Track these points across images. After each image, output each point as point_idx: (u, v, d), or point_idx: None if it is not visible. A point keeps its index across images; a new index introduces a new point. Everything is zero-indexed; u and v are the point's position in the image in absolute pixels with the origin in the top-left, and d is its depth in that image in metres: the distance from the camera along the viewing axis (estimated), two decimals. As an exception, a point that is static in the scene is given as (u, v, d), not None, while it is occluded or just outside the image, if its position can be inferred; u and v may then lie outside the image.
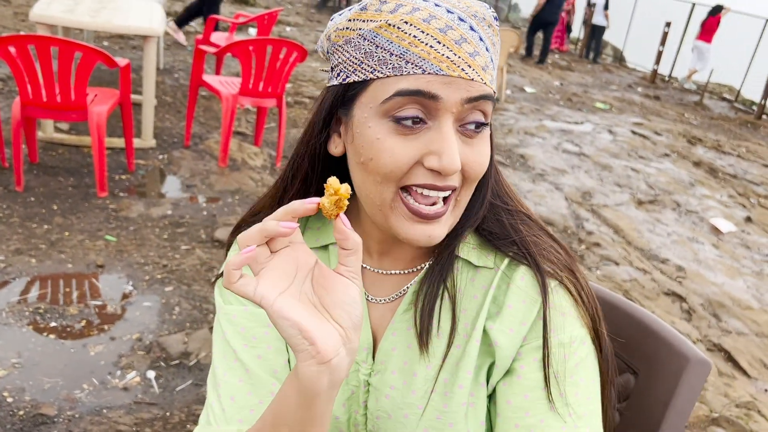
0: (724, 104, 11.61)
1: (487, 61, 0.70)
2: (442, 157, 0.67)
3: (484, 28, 0.71)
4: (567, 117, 7.86)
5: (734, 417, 2.60)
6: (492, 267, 0.79)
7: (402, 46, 0.67)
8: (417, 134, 0.68)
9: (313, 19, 11.66)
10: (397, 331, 0.80)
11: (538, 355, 0.75)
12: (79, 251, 2.98)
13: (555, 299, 0.76)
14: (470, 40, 0.69)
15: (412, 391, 0.78)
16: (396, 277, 0.82)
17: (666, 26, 12.51)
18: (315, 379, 0.59)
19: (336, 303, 0.61)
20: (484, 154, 0.72)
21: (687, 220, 5.04)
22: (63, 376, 2.23)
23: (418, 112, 0.68)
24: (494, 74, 0.73)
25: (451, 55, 0.67)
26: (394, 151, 0.68)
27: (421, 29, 0.67)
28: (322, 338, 0.59)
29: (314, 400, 0.61)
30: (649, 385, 1.05)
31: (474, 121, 0.70)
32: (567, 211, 4.72)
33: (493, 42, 0.72)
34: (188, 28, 8.35)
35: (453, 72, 0.67)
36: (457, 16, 0.69)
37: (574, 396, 0.75)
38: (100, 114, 3.39)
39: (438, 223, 0.72)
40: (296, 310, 0.59)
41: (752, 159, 7.49)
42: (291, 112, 5.76)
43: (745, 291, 4.00)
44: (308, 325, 0.58)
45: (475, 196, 0.78)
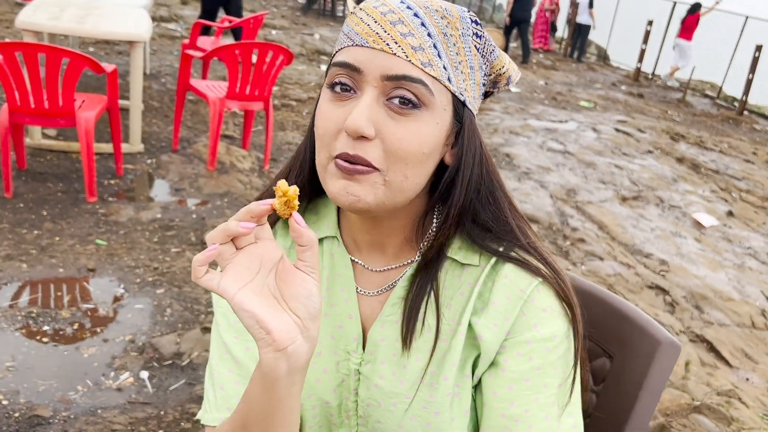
0: (706, 101, 11.76)
1: (423, 44, 0.73)
2: (349, 116, 0.72)
3: (434, 17, 0.74)
4: (552, 116, 7.95)
5: (715, 404, 2.67)
6: (477, 265, 0.82)
7: (350, 26, 0.76)
8: (346, 102, 0.74)
9: (299, 22, 11.70)
10: (386, 323, 0.84)
11: (522, 349, 0.79)
12: (69, 256, 3.01)
13: (538, 296, 0.80)
14: (407, 22, 0.73)
15: (400, 382, 0.82)
16: (384, 272, 0.86)
17: (648, 24, 12.66)
18: (273, 365, 0.65)
19: (293, 295, 0.66)
20: (412, 133, 0.73)
21: (670, 215, 5.13)
22: (57, 378, 2.26)
23: (347, 80, 0.74)
24: (444, 64, 0.74)
25: (380, 31, 0.73)
26: (326, 115, 0.75)
27: (368, 13, 0.75)
28: (277, 327, 0.64)
29: (275, 385, 0.66)
30: (624, 367, 1.10)
31: (397, 95, 0.72)
32: (552, 208, 4.79)
33: (444, 32, 0.74)
34: (174, 33, 8.37)
35: (376, 45, 0.72)
36: (407, 5, 0.75)
37: (556, 387, 0.79)
38: (88, 120, 3.42)
39: (357, 182, 0.73)
40: (254, 302, 0.64)
41: (734, 154, 7.61)
42: (278, 114, 5.79)
43: (726, 283, 4.09)
44: (264, 316, 0.63)
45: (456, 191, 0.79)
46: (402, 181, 0.74)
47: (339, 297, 0.86)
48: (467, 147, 0.78)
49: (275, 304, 0.66)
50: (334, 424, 0.86)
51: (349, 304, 0.86)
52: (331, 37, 10.65)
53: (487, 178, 0.81)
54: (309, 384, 0.85)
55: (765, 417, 2.74)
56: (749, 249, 4.79)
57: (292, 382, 0.67)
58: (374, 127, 0.72)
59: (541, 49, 14.35)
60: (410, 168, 0.74)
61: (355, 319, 0.85)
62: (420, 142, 0.74)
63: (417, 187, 0.77)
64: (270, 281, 0.67)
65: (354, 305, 0.85)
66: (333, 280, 0.87)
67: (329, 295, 0.87)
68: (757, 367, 3.21)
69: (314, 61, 8.55)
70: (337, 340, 0.86)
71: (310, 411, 0.85)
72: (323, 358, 0.85)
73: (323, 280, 0.88)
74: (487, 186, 0.81)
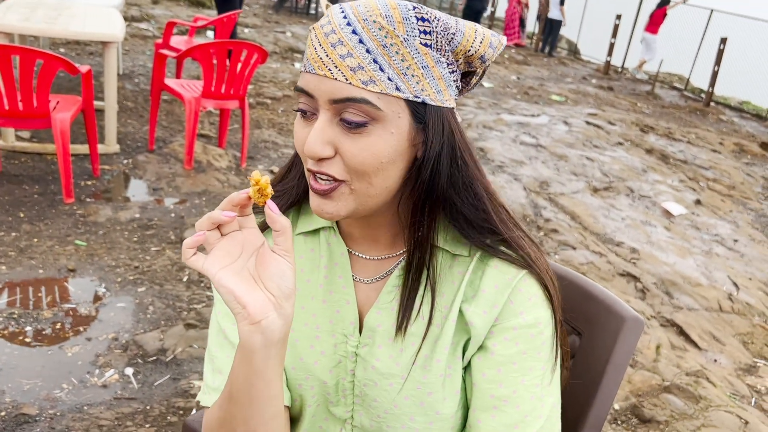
0: (674, 93, 12.00)
1: (362, 62, 0.75)
2: (306, 142, 0.79)
3: (372, 30, 0.76)
4: (524, 110, 8.06)
5: (684, 384, 2.77)
6: (467, 255, 0.88)
7: (306, 47, 0.82)
8: (309, 123, 0.81)
9: (271, 20, 11.68)
10: (382, 310, 0.89)
11: (509, 335, 0.85)
12: (49, 257, 3.02)
13: (524, 286, 0.86)
14: (346, 42, 0.76)
15: (396, 364, 0.87)
16: (378, 261, 0.92)
17: (617, 19, 12.87)
18: (248, 337, 0.72)
19: (269, 276, 0.73)
20: (365, 149, 0.77)
21: (640, 205, 5.26)
22: (42, 377, 2.28)
23: (305, 105, 0.81)
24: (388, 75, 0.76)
25: (323, 56, 0.77)
26: (297, 136, 0.83)
27: (316, 34, 0.79)
28: (252, 303, 0.71)
29: (252, 357, 0.73)
30: (592, 343, 1.17)
31: (346, 120, 0.77)
32: (526, 200, 4.89)
33: (383, 44, 0.76)
34: (146, 33, 8.31)
35: (320, 71, 0.77)
36: (348, 21, 0.77)
37: (540, 370, 0.86)
38: (63, 121, 3.42)
39: (330, 200, 0.81)
40: (232, 280, 0.71)
41: (701, 145, 7.80)
42: (254, 113, 5.81)
43: (695, 269, 4.22)
44: (240, 292, 0.71)
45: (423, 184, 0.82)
46: (368, 188, 0.80)
47: (337, 284, 0.92)
48: (431, 142, 0.80)
49: (252, 283, 0.73)
50: (331, 402, 0.91)
51: (346, 290, 0.91)
52: (304, 34, 10.65)
53: (464, 170, 0.83)
54: (307, 365, 0.90)
55: (732, 396, 2.86)
56: (716, 236, 4.93)
57: (268, 356, 0.74)
58: (332, 145, 0.79)
59: (514, 44, 14.50)
60: (372, 177, 0.80)
61: (352, 305, 0.91)
62: (375, 154, 0.78)
63: (386, 190, 0.82)
64: (250, 265, 0.74)
65: (351, 292, 0.91)
66: (331, 268, 0.93)
67: (328, 283, 0.92)
68: (724, 349, 3.34)
69: (288, 59, 8.56)
70: (335, 324, 0.91)
71: (308, 391, 0.91)
72: (321, 341, 0.91)
73: (321, 268, 0.93)
74: (464, 178, 0.83)
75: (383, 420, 0.89)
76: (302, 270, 0.94)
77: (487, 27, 16.90)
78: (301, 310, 0.93)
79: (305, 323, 0.92)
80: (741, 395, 2.92)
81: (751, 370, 3.20)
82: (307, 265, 0.94)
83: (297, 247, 0.95)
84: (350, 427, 0.92)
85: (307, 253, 0.94)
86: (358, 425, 0.91)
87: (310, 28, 0.83)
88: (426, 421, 0.87)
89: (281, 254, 0.74)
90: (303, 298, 0.93)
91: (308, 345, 0.91)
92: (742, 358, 3.29)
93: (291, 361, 0.91)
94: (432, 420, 0.87)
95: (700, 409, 2.65)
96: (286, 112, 6.11)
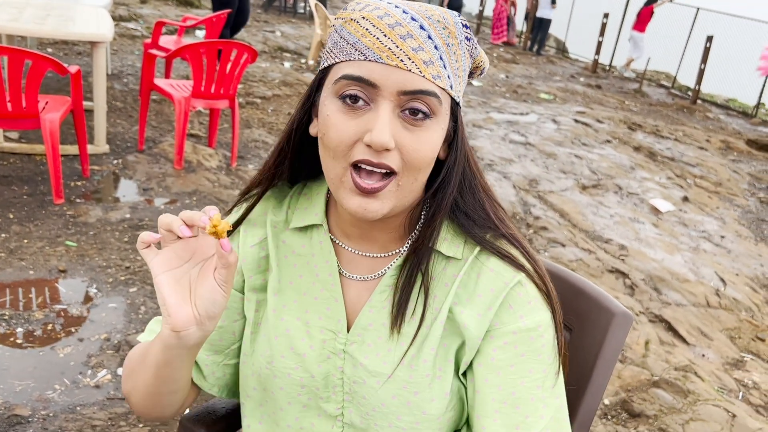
0: (661, 91, 12.09)
1: (433, 57, 0.78)
2: (373, 131, 0.76)
3: (438, 29, 0.79)
4: (513, 108, 8.10)
5: (673, 379, 2.81)
6: (460, 258, 0.89)
7: (356, 36, 0.78)
8: (360, 114, 0.79)
9: (260, 19, 11.66)
10: (374, 309, 0.90)
11: (508, 339, 0.86)
12: (39, 258, 3.01)
13: (522, 289, 0.86)
14: (416, 36, 0.77)
15: (383, 362, 0.88)
16: (372, 259, 0.92)
17: (604, 17, 12.95)
18: (167, 337, 0.80)
19: (202, 297, 0.78)
20: (425, 143, 0.79)
21: (628, 202, 5.31)
22: (34, 378, 2.28)
23: (359, 93, 0.78)
24: (448, 74, 0.80)
25: (393, 47, 0.76)
26: (339, 126, 0.79)
27: (374, 24, 0.78)
28: (177, 314, 0.78)
29: (166, 350, 0.82)
30: (582, 338, 1.19)
31: (411, 108, 0.78)
32: (515, 198, 4.92)
33: (447, 43, 0.79)
34: (134, 32, 8.28)
35: (391, 61, 0.76)
36: (411, 16, 0.78)
37: (541, 373, 0.86)
38: (52, 121, 3.41)
39: (375, 199, 0.80)
40: (168, 288, 0.77)
41: (688, 142, 7.87)
42: (243, 112, 5.81)
43: (682, 265, 4.27)
44: (171, 303, 0.77)
45: (444, 188, 0.86)
46: (412, 183, 0.82)
47: (327, 282, 0.93)
48: (461, 143, 0.86)
49: (185, 295, 0.79)
50: (322, 398, 0.92)
51: (335, 288, 0.92)
52: (293, 33, 10.65)
53: (473, 169, 0.88)
54: (298, 356, 0.92)
55: (720, 390, 2.90)
56: (704, 232, 4.99)
57: (180, 354, 0.83)
58: (393, 138, 0.78)
59: (504, 43, 14.55)
60: (420, 172, 0.82)
61: (340, 303, 0.92)
62: (433, 149, 0.81)
63: (422, 186, 0.85)
64: (194, 273, 0.80)
65: (338, 290, 0.92)
66: (321, 266, 0.93)
67: (318, 280, 0.93)
68: (712, 344, 3.38)
69: (277, 59, 8.55)
70: (325, 321, 0.92)
71: (297, 381, 0.92)
72: (312, 336, 0.92)
73: (312, 266, 0.94)
74: (470, 177, 0.88)
75: (372, 418, 0.90)
76: (295, 265, 0.95)
77: (476, 26, 16.96)
78: (294, 304, 0.94)
79: (297, 317, 0.93)
80: (728, 389, 2.96)
81: (738, 364, 3.25)
82: (298, 261, 0.95)
83: (290, 242, 0.95)
84: (341, 424, 0.93)
85: (299, 249, 0.95)
86: (348, 422, 0.92)
87: (359, 17, 0.80)
88: (413, 421, 0.88)
89: (220, 283, 0.78)
90: (296, 292, 0.94)
91: (299, 338, 0.92)
92: (730, 353, 3.33)
93: (282, 350, 0.92)
94: (419, 420, 0.88)
95: (689, 403, 2.68)
96: (276, 111, 6.11)
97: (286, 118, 5.95)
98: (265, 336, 0.94)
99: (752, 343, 3.50)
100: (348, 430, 0.93)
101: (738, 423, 2.59)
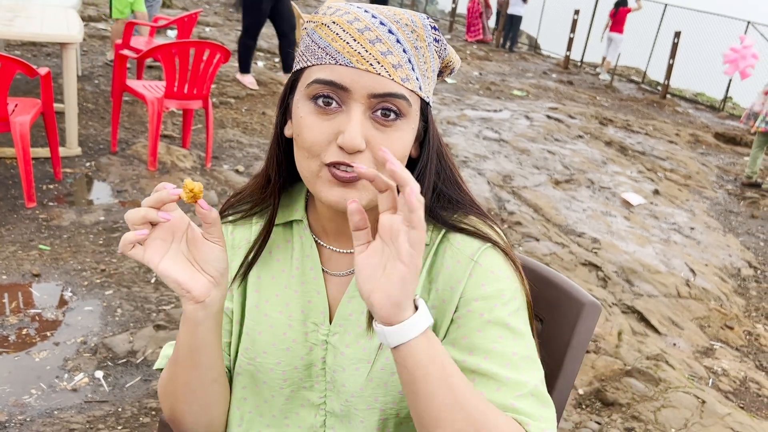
0: (632, 86, 12.28)
1: (401, 61, 0.80)
2: (345, 134, 0.79)
3: (406, 33, 0.81)
4: (486, 105, 8.17)
5: (645, 368, 2.88)
6: (428, 243, 0.92)
7: (326, 41, 0.81)
8: (333, 116, 0.81)
9: (232, 18, 11.58)
10: (353, 298, 0.93)
11: (472, 307, 0.86)
12: (12, 262, 2.98)
13: (485, 259, 0.88)
14: (385, 40, 0.80)
15: (363, 349, 0.91)
16: (350, 256, 0.95)
17: (575, 13, 13.09)
18: (193, 314, 0.83)
19: (205, 260, 0.83)
20: (396, 142, 0.82)
21: (600, 196, 5.40)
22: (9, 383, 2.26)
23: (332, 96, 0.81)
24: (417, 75, 0.82)
25: (362, 51, 0.79)
26: (313, 128, 0.82)
27: (344, 28, 0.80)
28: (195, 287, 0.82)
29: (196, 329, 0.85)
30: (553, 328, 1.23)
31: (382, 108, 0.80)
32: (490, 194, 4.97)
33: (415, 46, 0.82)
34: (104, 33, 8.18)
35: (361, 65, 0.79)
36: (380, 20, 0.81)
37: (512, 340, 0.85)
38: (23, 124, 3.37)
39: (354, 188, 0.82)
40: (175, 269, 0.81)
41: (658, 136, 8.01)
42: (217, 112, 5.78)
43: (654, 257, 4.35)
44: (184, 280, 0.81)
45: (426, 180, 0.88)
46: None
47: (308, 275, 0.95)
48: (432, 140, 0.89)
49: (190, 268, 0.82)
50: (305, 387, 0.95)
51: (317, 281, 0.95)
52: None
53: (448, 164, 0.93)
54: (279, 351, 0.94)
55: (690, 377, 2.98)
56: (674, 224, 5.09)
57: (210, 327, 0.86)
58: (365, 139, 0.81)
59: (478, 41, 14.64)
60: None
61: (322, 295, 0.94)
62: (404, 147, 0.83)
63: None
64: (183, 247, 0.83)
65: (320, 282, 0.95)
66: (303, 260, 0.96)
67: (300, 274, 0.96)
68: (682, 333, 3.46)
69: (250, 58, 8.50)
70: (306, 314, 0.95)
71: (280, 375, 0.94)
72: (294, 329, 0.95)
73: (294, 259, 0.97)
74: (448, 171, 0.93)
75: (351, 403, 0.92)
76: (278, 260, 0.98)
77: (449, 24, 17.03)
78: (276, 298, 0.96)
79: (279, 311, 0.96)
80: (699, 377, 3.04)
81: (708, 352, 3.33)
82: (282, 255, 0.98)
83: (274, 237, 0.98)
84: (323, 412, 0.96)
85: (283, 244, 0.98)
86: (330, 410, 0.95)
87: (329, 22, 0.82)
88: (389, 401, 0.91)
89: (214, 241, 0.83)
90: (277, 286, 0.97)
91: (281, 332, 0.95)
92: (700, 341, 3.41)
93: (264, 345, 0.95)
94: (396, 400, 0.91)
95: (660, 391, 2.75)
96: (249, 111, 6.09)
97: (260, 118, 5.94)
98: (248, 332, 0.97)
99: (721, 331, 3.60)
100: (330, 419, 0.96)
101: (707, 409, 2.66)
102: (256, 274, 0.98)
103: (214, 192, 4.08)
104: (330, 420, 0.96)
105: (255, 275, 0.98)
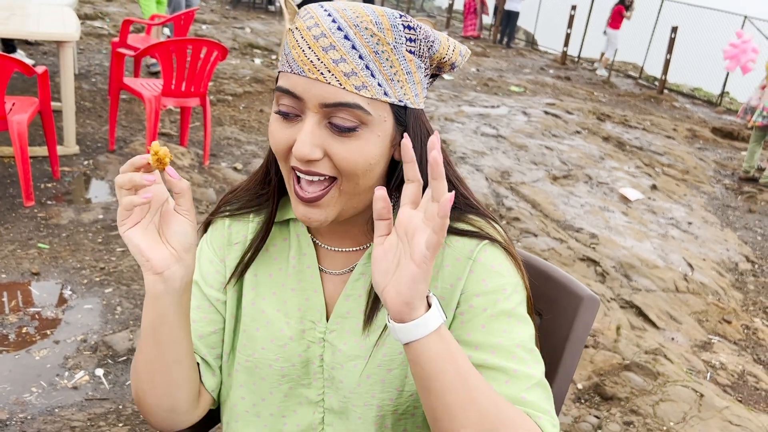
0: (629, 81, 12.28)
1: (356, 68, 0.78)
2: (296, 144, 0.81)
3: (363, 36, 0.78)
4: (484, 101, 8.17)
5: (643, 362, 2.89)
6: None
7: (289, 47, 0.82)
8: (293, 124, 0.82)
9: (229, 15, 11.57)
10: (350, 297, 0.94)
11: (474, 302, 0.87)
12: (11, 261, 2.98)
13: (484, 255, 0.88)
14: (339, 47, 0.78)
15: (360, 346, 0.92)
16: (346, 254, 0.96)
17: (572, 9, 13.09)
18: (153, 286, 0.82)
19: (172, 233, 0.82)
20: (355, 152, 0.80)
21: (598, 192, 5.41)
22: (10, 381, 2.27)
23: (288, 107, 0.82)
24: (378, 81, 0.79)
25: (314, 60, 0.78)
26: (275, 134, 0.84)
27: (302, 35, 0.79)
28: (155, 256, 0.81)
29: (156, 302, 0.83)
30: (552, 322, 1.23)
31: (337, 125, 0.80)
32: (488, 190, 4.98)
33: (375, 50, 0.79)
34: (101, 31, 8.17)
35: (312, 74, 0.78)
36: (338, 26, 0.78)
37: (516, 333, 0.85)
38: (20, 123, 3.36)
39: (317, 208, 0.84)
40: (139, 237, 0.80)
41: (656, 131, 8.02)
42: (215, 110, 5.78)
43: (652, 252, 4.37)
44: (145, 247, 0.80)
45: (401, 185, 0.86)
46: (355, 188, 0.84)
47: (305, 273, 0.96)
48: (413, 143, 0.86)
49: (156, 238, 0.82)
50: (303, 384, 0.96)
51: (313, 279, 0.96)
52: (263, 30, 10.59)
53: None
54: (277, 347, 0.95)
55: (688, 371, 2.99)
56: (672, 219, 5.11)
57: (170, 302, 0.84)
58: (321, 148, 0.81)
59: (472, 36, 14.63)
60: (361, 178, 0.83)
61: (319, 293, 0.95)
62: (364, 156, 0.81)
63: (370, 188, 0.85)
64: (156, 219, 0.83)
65: (317, 281, 0.95)
66: (300, 258, 0.97)
67: (297, 272, 0.96)
68: (681, 327, 3.48)
69: (247, 55, 8.50)
70: (304, 312, 0.95)
71: (278, 371, 0.95)
72: (291, 327, 0.95)
73: (290, 258, 0.97)
74: None
75: (348, 400, 0.93)
76: (276, 258, 0.98)
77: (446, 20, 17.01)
78: (272, 296, 0.97)
79: (276, 308, 0.96)
80: (697, 370, 3.05)
81: (706, 346, 3.34)
82: (279, 254, 0.98)
83: (272, 235, 0.99)
84: (322, 409, 0.96)
85: (280, 242, 0.98)
86: (328, 407, 0.96)
87: (291, 28, 0.82)
88: (387, 398, 0.91)
89: (183, 214, 0.83)
90: (274, 284, 0.97)
91: (279, 329, 0.95)
92: (698, 336, 3.43)
93: (262, 342, 0.95)
94: (393, 396, 0.91)
95: (659, 385, 2.76)
96: (247, 108, 6.09)
97: (258, 115, 5.94)
98: (245, 329, 0.97)
99: (719, 325, 3.61)
100: (329, 415, 0.96)
101: (706, 402, 2.67)
102: (253, 272, 0.98)
103: (212, 189, 4.08)
104: (328, 417, 0.96)
105: (252, 273, 0.98)
